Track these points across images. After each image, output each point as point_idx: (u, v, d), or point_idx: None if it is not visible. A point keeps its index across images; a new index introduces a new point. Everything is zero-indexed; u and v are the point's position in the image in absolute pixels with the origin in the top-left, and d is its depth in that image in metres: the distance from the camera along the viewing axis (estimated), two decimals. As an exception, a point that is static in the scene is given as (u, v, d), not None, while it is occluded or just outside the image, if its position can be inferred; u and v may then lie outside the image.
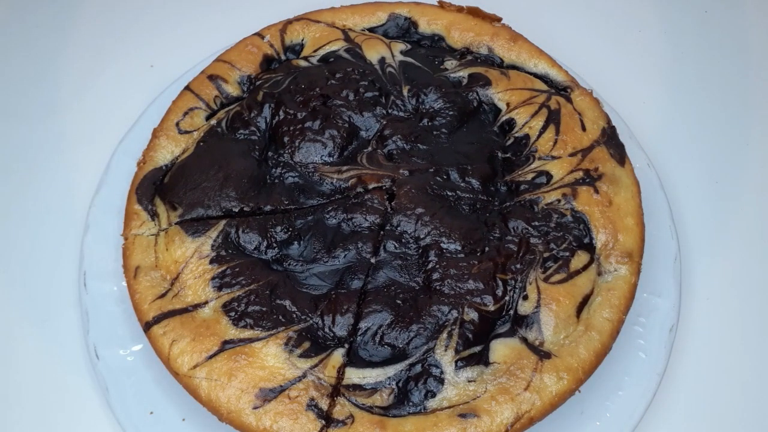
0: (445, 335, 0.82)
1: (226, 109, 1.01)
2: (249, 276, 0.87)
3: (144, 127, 1.03)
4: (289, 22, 1.08)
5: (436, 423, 0.77)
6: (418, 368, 0.80)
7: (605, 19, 1.27)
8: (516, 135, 0.97)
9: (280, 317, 0.84)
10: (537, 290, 0.84)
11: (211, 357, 0.82)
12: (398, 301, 0.84)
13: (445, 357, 0.81)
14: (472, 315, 0.83)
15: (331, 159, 0.95)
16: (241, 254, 0.89)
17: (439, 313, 0.83)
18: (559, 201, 0.91)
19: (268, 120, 0.98)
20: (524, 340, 0.82)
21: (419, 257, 0.88)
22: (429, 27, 1.08)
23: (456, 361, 0.80)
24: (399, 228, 0.89)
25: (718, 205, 1.07)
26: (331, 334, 0.83)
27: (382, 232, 0.90)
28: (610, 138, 0.97)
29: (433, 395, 0.79)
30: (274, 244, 0.90)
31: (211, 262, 0.88)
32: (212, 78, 1.03)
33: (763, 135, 1.14)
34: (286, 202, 0.92)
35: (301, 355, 0.82)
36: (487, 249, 0.87)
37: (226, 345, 0.83)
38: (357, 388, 0.80)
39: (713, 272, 1.01)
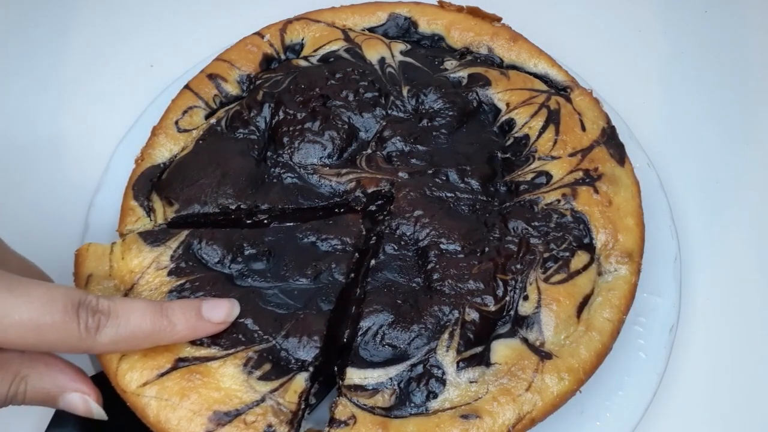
0: (446, 336, 0.82)
1: (226, 108, 1.01)
2: (209, 291, 0.82)
3: (144, 127, 1.03)
4: (289, 21, 1.08)
5: (438, 424, 0.77)
6: (420, 369, 0.80)
7: (605, 19, 1.27)
8: (516, 135, 0.97)
9: (240, 336, 0.79)
10: (537, 290, 0.84)
11: (162, 375, 0.76)
12: (399, 301, 0.84)
13: (446, 358, 0.81)
14: (473, 315, 0.83)
15: (331, 161, 0.95)
16: (202, 267, 0.85)
17: (440, 313, 0.83)
18: (559, 201, 0.91)
19: (267, 120, 0.98)
20: (525, 340, 0.82)
21: (418, 258, 0.88)
22: (429, 27, 1.08)
23: (458, 362, 0.80)
24: (398, 231, 0.89)
25: (718, 205, 1.07)
26: (295, 358, 0.79)
27: (357, 255, 0.88)
28: (609, 138, 0.97)
29: (435, 396, 0.79)
30: (240, 259, 0.86)
31: (170, 274, 0.84)
32: (212, 77, 1.03)
33: (763, 135, 1.14)
34: (286, 203, 0.92)
35: (260, 378, 0.77)
36: (487, 249, 0.87)
37: (180, 363, 0.77)
38: (359, 388, 0.80)
39: (713, 272, 1.01)
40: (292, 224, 0.90)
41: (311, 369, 0.79)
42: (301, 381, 0.78)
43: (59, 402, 0.74)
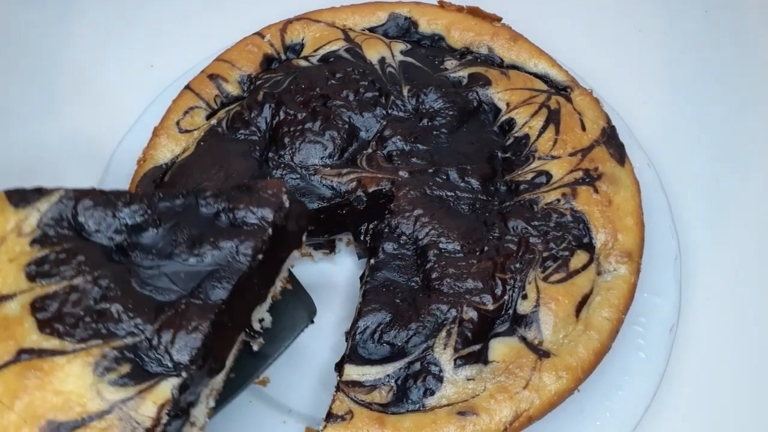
0: (444, 334, 0.82)
1: (227, 108, 1.01)
2: (76, 266, 0.68)
3: (144, 127, 1.03)
4: (290, 21, 1.08)
5: (434, 420, 0.77)
6: (417, 366, 0.80)
7: (605, 19, 1.27)
8: (516, 135, 0.97)
9: (101, 327, 0.65)
10: (536, 289, 0.84)
11: (1, 367, 0.64)
12: (397, 300, 0.84)
13: (444, 355, 0.81)
14: (471, 314, 0.83)
15: (332, 161, 0.95)
16: (75, 236, 0.71)
17: (438, 312, 0.83)
18: (558, 201, 0.91)
19: (268, 120, 0.98)
20: (523, 339, 0.82)
21: (417, 257, 0.88)
22: (429, 27, 1.08)
23: (455, 360, 0.80)
24: (398, 230, 0.89)
25: (718, 205, 1.07)
26: (166, 358, 0.64)
27: (270, 233, 0.72)
28: (609, 138, 0.97)
29: (432, 393, 0.79)
30: (123, 228, 0.71)
31: (33, 243, 0.70)
32: (212, 77, 1.03)
33: (763, 135, 1.14)
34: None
35: (113, 382, 0.63)
36: (486, 248, 0.87)
37: (23, 355, 0.64)
38: (356, 384, 0.80)
39: (713, 272, 1.01)
40: (195, 190, 0.75)
41: (184, 375, 0.64)
42: (166, 389, 0.63)
43: None
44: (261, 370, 0.84)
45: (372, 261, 0.88)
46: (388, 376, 0.80)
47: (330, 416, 0.78)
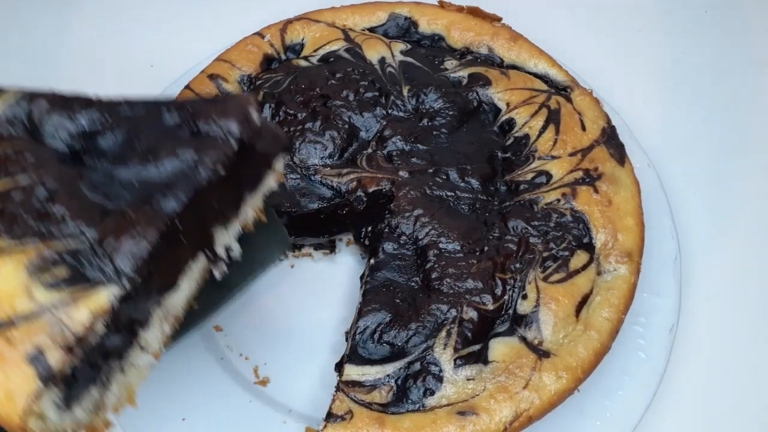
0: (444, 334, 0.82)
1: (227, 109, 1.01)
2: (24, 166, 0.64)
3: (144, 127, 1.03)
4: (290, 21, 1.08)
5: (434, 420, 0.77)
6: (417, 366, 0.80)
7: (605, 19, 1.27)
8: (516, 135, 0.98)
9: (42, 227, 0.61)
10: (536, 289, 0.84)
11: None
12: (397, 300, 0.84)
13: (444, 355, 0.81)
14: (471, 314, 0.83)
15: (332, 161, 0.95)
16: (28, 138, 0.67)
17: (438, 312, 0.83)
18: (558, 201, 0.91)
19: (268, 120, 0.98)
20: (523, 339, 0.82)
21: (417, 257, 0.88)
22: (429, 27, 1.08)
23: (455, 360, 0.80)
24: (398, 230, 0.89)
25: (718, 205, 1.07)
26: (109, 265, 0.59)
27: (236, 147, 0.67)
28: (610, 138, 0.97)
29: (432, 393, 0.79)
30: (79, 133, 0.68)
31: None
32: (212, 77, 1.03)
33: (763, 135, 1.14)
34: (287, 205, 0.92)
35: (48, 284, 0.58)
36: (486, 248, 0.87)
37: None
38: (356, 384, 0.80)
39: (713, 272, 1.01)
40: (159, 99, 0.71)
41: (126, 285, 0.59)
42: (104, 297, 0.58)
43: None
44: (225, 301, 0.82)
45: (372, 261, 0.88)
46: (388, 376, 0.80)
47: (330, 416, 0.78)
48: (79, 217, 0.60)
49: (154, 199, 0.62)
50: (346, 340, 0.88)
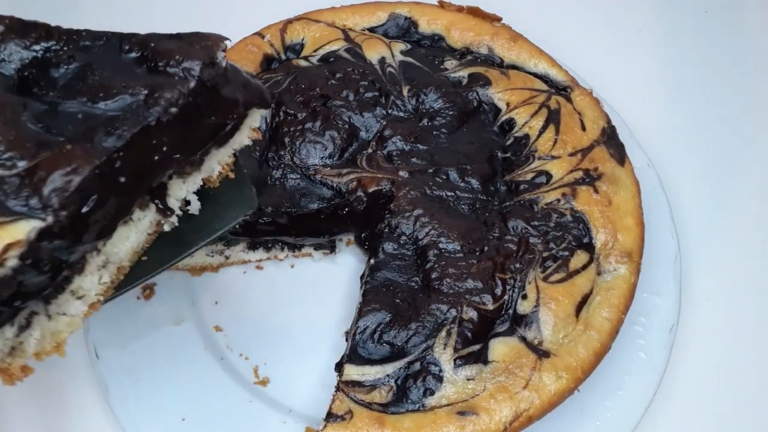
0: (443, 334, 0.82)
1: (227, 108, 1.01)
2: None
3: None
4: (290, 21, 1.08)
5: (434, 420, 0.77)
6: (417, 366, 0.80)
7: (605, 19, 1.27)
8: (516, 135, 0.98)
9: None
10: (536, 289, 0.84)
11: None
12: (397, 300, 0.85)
13: (444, 355, 0.81)
14: (471, 314, 0.83)
15: (332, 161, 0.95)
16: None
17: (438, 312, 0.83)
18: (558, 201, 0.91)
19: (268, 120, 0.98)
20: (523, 339, 0.82)
21: (417, 257, 0.88)
22: (429, 27, 1.08)
23: (455, 360, 0.80)
24: (398, 230, 0.90)
25: (718, 205, 1.07)
26: (34, 199, 0.55)
27: (191, 85, 0.63)
28: (609, 138, 0.97)
29: (432, 393, 0.79)
30: (32, 61, 0.64)
31: None
32: (212, 78, 1.03)
33: (763, 135, 1.14)
34: (287, 205, 0.92)
35: None
36: (486, 248, 0.87)
37: None
38: (356, 384, 0.80)
39: (713, 272, 1.01)
40: (121, 33, 0.66)
41: (49, 220, 0.55)
42: (22, 229, 0.54)
43: None
44: (179, 258, 0.78)
45: (372, 261, 0.88)
46: (387, 376, 0.80)
47: (330, 416, 0.78)
48: (11, 146, 0.56)
49: (97, 134, 0.58)
50: (346, 340, 0.88)
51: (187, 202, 0.74)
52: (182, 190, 0.72)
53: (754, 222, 1.06)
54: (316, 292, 0.97)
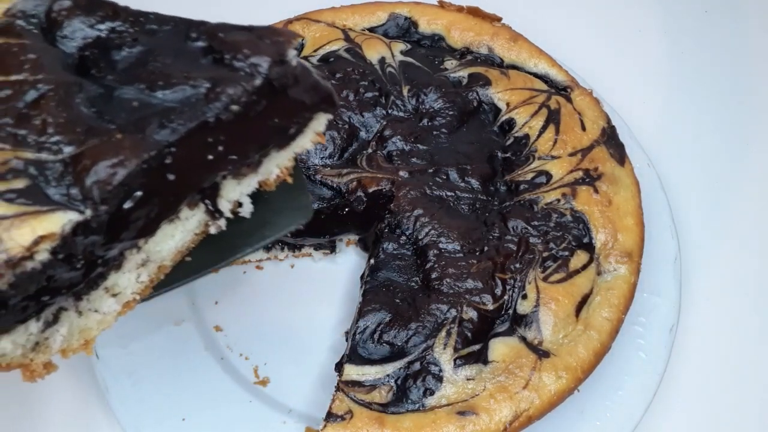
0: (443, 334, 0.82)
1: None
2: (23, 63, 0.57)
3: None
4: (290, 21, 1.08)
5: (434, 420, 0.77)
6: (417, 366, 0.80)
7: (605, 19, 1.27)
8: (516, 135, 0.98)
9: (17, 131, 0.54)
10: (536, 289, 0.85)
11: None
12: (397, 300, 0.85)
13: (443, 355, 0.81)
14: (471, 314, 0.83)
15: (332, 161, 0.95)
16: (40, 35, 0.60)
17: (438, 312, 0.83)
18: (558, 201, 0.91)
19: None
20: (523, 339, 0.82)
21: (417, 257, 0.88)
22: (429, 27, 1.08)
23: (455, 360, 0.80)
24: (398, 230, 0.90)
25: (718, 205, 1.07)
26: (75, 189, 0.52)
27: (258, 83, 0.59)
28: (609, 138, 0.97)
29: (432, 393, 0.79)
30: (95, 41, 0.61)
31: None
32: (212, 78, 1.03)
33: (763, 135, 1.14)
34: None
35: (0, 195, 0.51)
36: (486, 248, 0.87)
37: None
38: (356, 384, 0.80)
39: (713, 272, 1.01)
40: (190, 20, 0.65)
41: (87, 213, 0.52)
42: (56, 222, 0.51)
43: None
44: (226, 262, 0.75)
45: (372, 261, 0.88)
46: (387, 375, 0.80)
47: (330, 416, 0.78)
48: (60, 129, 0.53)
49: (150, 125, 0.54)
50: (346, 340, 0.88)
51: (239, 204, 0.70)
52: (235, 192, 0.68)
53: (754, 222, 1.06)
54: (316, 292, 0.97)
